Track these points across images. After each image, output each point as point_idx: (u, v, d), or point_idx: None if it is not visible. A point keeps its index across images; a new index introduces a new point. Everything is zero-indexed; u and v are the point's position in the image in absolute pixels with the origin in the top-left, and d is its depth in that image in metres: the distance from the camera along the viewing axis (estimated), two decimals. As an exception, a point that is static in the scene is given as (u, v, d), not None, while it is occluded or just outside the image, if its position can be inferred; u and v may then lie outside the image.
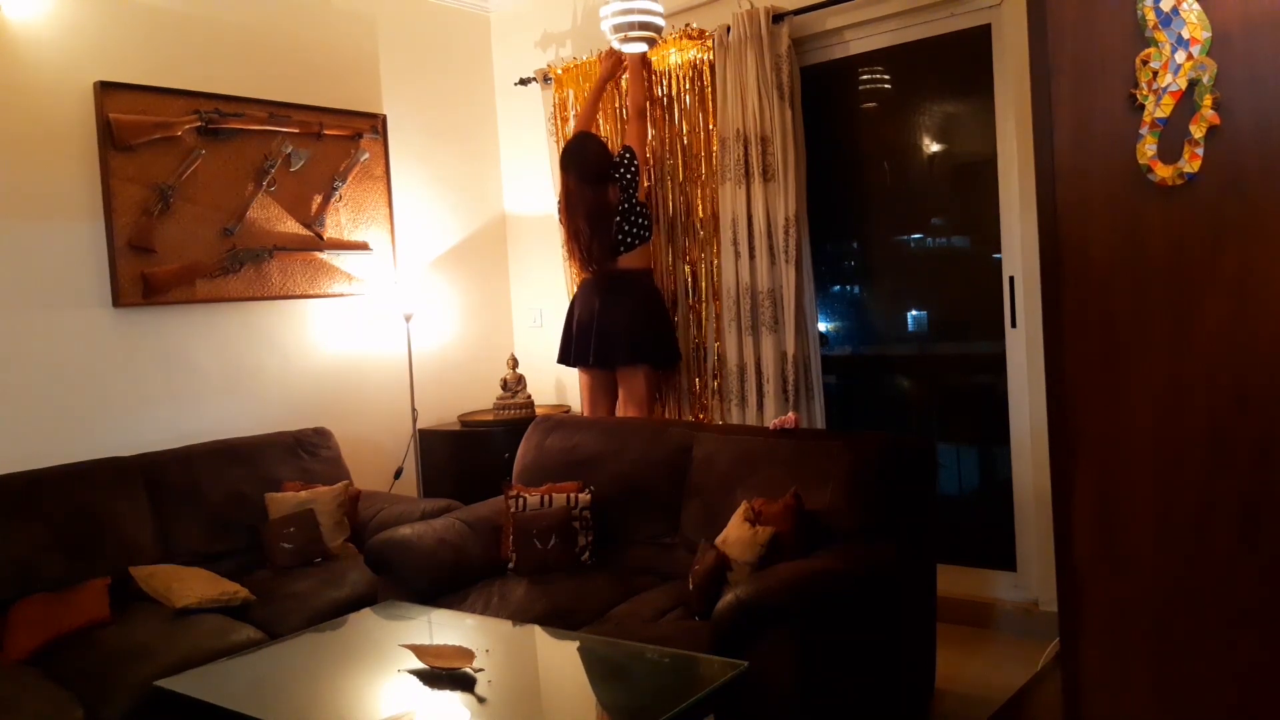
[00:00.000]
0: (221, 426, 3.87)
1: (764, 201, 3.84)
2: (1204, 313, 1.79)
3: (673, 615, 2.87)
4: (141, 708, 2.58)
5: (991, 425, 3.69)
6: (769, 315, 3.87)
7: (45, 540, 3.13)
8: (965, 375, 3.93)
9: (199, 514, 3.52)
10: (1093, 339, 1.92)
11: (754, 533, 2.82)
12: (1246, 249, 1.74)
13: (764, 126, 3.81)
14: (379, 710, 2.34)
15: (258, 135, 3.98)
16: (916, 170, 3.97)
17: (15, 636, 2.86)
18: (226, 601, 3.10)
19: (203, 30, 3.89)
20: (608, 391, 4.22)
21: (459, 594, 3.17)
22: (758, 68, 3.80)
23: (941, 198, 3.90)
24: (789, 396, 3.81)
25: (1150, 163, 1.81)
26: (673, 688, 2.35)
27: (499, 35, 5.06)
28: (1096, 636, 1.98)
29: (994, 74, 3.56)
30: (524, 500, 3.40)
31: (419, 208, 4.69)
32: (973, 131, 3.74)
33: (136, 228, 3.62)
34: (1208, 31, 1.73)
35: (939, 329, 3.97)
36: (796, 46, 3.86)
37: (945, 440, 3.93)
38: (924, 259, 4.02)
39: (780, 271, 3.86)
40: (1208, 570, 1.83)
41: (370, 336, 4.45)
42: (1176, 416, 1.84)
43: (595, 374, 4.20)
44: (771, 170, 3.82)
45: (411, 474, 4.55)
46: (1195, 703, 1.87)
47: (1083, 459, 1.95)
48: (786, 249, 3.80)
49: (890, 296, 4.13)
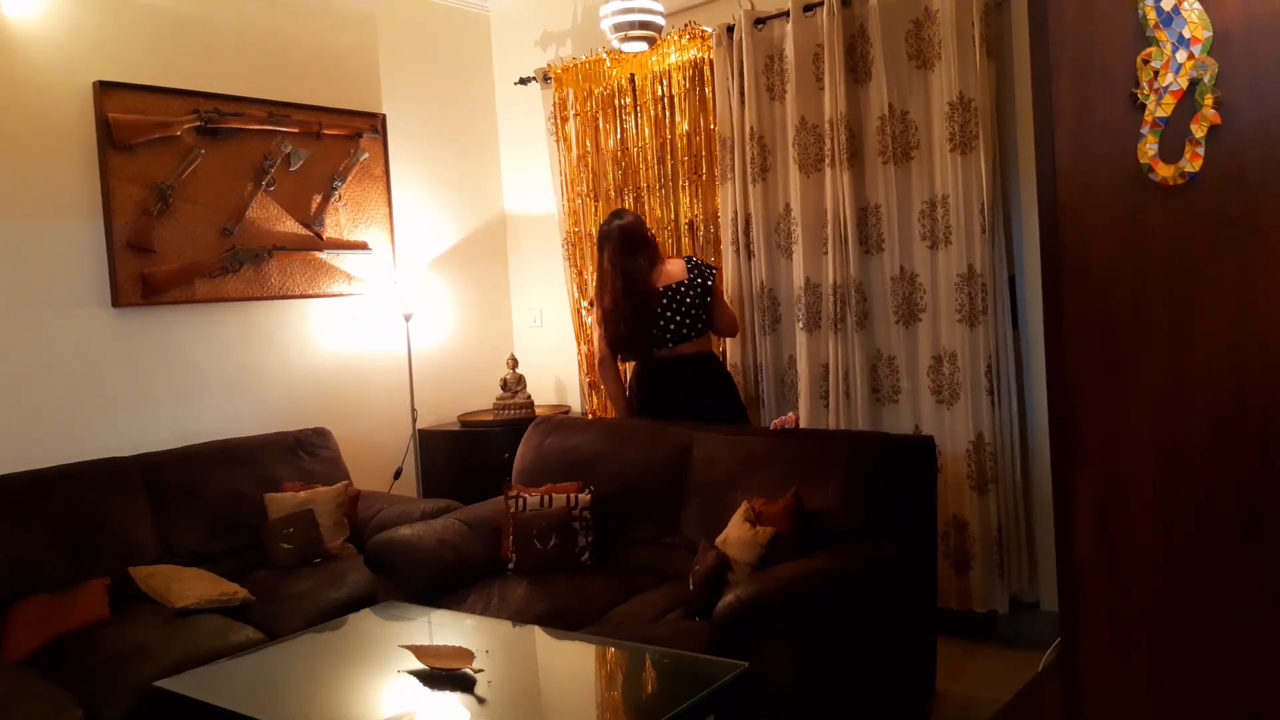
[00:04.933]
0: (221, 426, 3.87)
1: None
2: (1205, 312, 1.79)
3: (673, 616, 2.87)
4: (141, 708, 2.58)
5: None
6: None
7: (45, 540, 3.13)
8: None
9: (199, 514, 3.52)
10: (1093, 339, 1.92)
11: (754, 533, 2.82)
12: (1248, 249, 1.74)
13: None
14: (379, 711, 2.34)
15: (257, 135, 3.98)
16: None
17: (15, 637, 2.86)
18: (226, 602, 3.10)
19: (203, 30, 3.89)
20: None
21: (459, 594, 3.17)
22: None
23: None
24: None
25: (1151, 162, 1.81)
26: (673, 688, 2.35)
27: (499, 35, 5.06)
28: (1096, 636, 1.97)
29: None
30: (524, 500, 3.39)
31: (419, 207, 4.69)
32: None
33: (136, 228, 3.62)
34: (1209, 30, 1.73)
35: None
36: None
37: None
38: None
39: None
40: (1208, 570, 1.83)
41: (370, 336, 4.45)
42: (1177, 416, 1.84)
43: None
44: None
45: (411, 474, 4.54)
46: (1195, 703, 1.87)
47: (1083, 458, 1.95)
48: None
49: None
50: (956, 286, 3.54)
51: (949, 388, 3.60)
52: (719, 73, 4.05)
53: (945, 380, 3.61)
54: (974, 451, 3.53)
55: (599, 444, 3.61)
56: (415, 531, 3.32)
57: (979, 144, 3.45)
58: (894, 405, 3.76)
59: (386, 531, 3.37)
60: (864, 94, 3.73)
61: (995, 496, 3.51)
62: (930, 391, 3.65)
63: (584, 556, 3.33)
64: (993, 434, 3.51)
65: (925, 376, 3.67)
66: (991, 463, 3.51)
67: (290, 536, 3.48)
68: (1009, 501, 3.54)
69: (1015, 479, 3.54)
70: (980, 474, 3.53)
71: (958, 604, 3.57)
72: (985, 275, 3.48)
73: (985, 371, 3.50)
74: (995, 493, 3.51)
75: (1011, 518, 3.54)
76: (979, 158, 3.45)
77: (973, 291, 3.50)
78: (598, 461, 3.54)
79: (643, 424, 3.69)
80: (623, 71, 4.40)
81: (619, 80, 4.43)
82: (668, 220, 4.37)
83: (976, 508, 3.53)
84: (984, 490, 3.53)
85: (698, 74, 4.19)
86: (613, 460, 3.52)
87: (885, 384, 3.78)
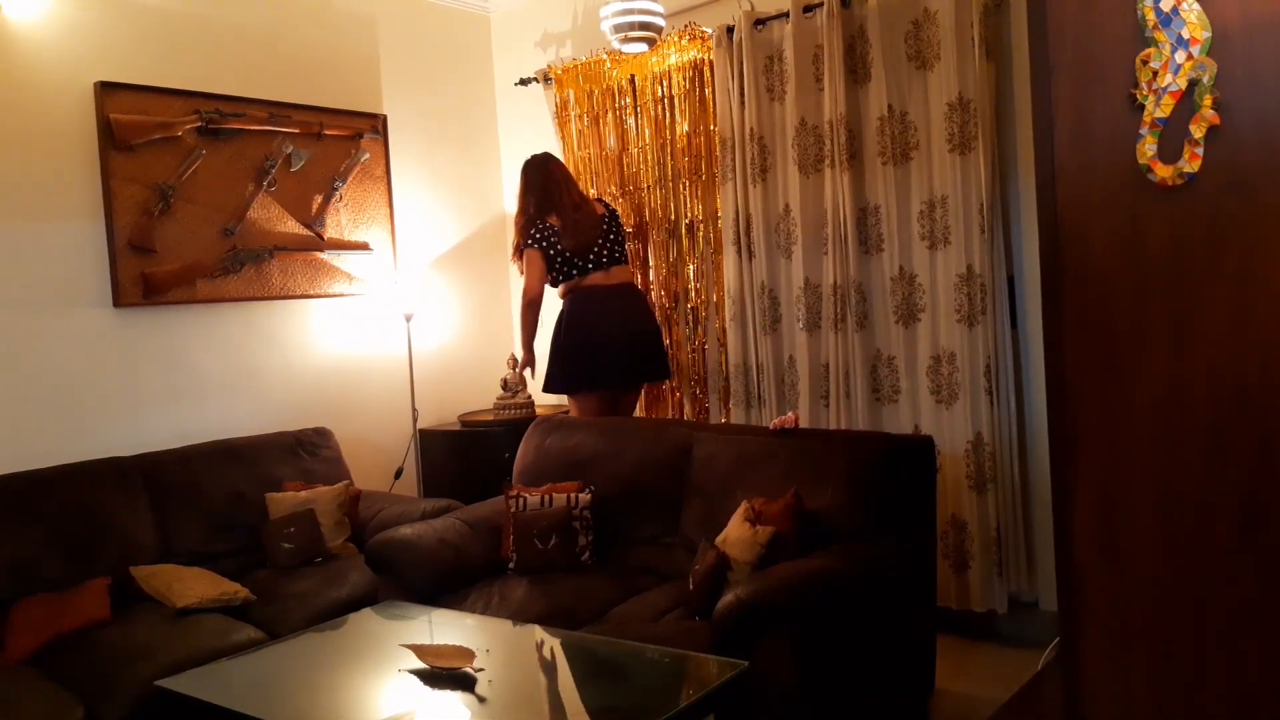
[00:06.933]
0: (222, 426, 3.87)
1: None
2: (1204, 312, 1.79)
3: (673, 615, 2.87)
4: (142, 708, 2.58)
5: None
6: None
7: (46, 540, 3.13)
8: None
9: (199, 514, 3.52)
10: (1092, 339, 1.92)
11: (754, 533, 2.82)
12: (1247, 249, 1.74)
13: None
14: (379, 710, 2.34)
15: (258, 135, 3.98)
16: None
17: (16, 636, 2.87)
18: (227, 601, 3.10)
19: (203, 30, 3.89)
20: (610, 411, 4.10)
21: (459, 594, 3.17)
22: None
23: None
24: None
25: (1150, 163, 1.81)
26: (673, 688, 2.36)
27: (499, 35, 5.06)
28: (1096, 636, 1.98)
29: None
30: (524, 500, 3.40)
31: (419, 207, 4.69)
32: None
33: (137, 228, 3.63)
34: (1208, 31, 1.73)
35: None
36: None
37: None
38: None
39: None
40: (1208, 570, 1.83)
41: (370, 336, 4.45)
42: (1177, 416, 1.84)
43: (604, 394, 4.05)
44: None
45: (412, 474, 4.55)
46: (1195, 702, 1.87)
47: (1083, 458, 1.95)
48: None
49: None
50: (955, 287, 3.55)
51: (948, 388, 3.60)
52: (719, 73, 4.05)
53: (944, 380, 3.61)
54: (973, 451, 3.54)
55: (599, 444, 3.61)
56: (416, 531, 3.33)
57: (978, 144, 3.46)
58: (893, 405, 3.77)
59: (387, 531, 3.37)
60: (863, 95, 3.74)
61: (994, 496, 3.52)
62: (929, 391, 3.65)
63: (584, 556, 3.33)
64: (992, 434, 3.51)
65: (924, 376, 3.67)
66: (990, 462, 3.52)
67: (291, 536, 3.48)
68: (1008, 501, 3.54)
69: (1014, 479, 3.55)
70: (979, 474, 3.53)
71: (957, 603, 3.58)
72: (984, 275, 3.48)
73: (984, 371, 3.50)
74: (994, 492, 3.52)
75: (1010, 517, 3.54)
76: (978, 158, 3.46)
77: (972, 292, 3.51)
78: (598, 461, 3.54)
79: (643, 424, 3.70)
80: (623, 72, 4.41)
81: (619, 81, 4.44)
82: (668, 220, 4.37)
83: (975, 507, 3.54)
84: (983, 490, 3.53)
85: (698, 75, 4.19)
86: (613, 460, 3.52)
87: (885, 384, 3.79)
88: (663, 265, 4.43)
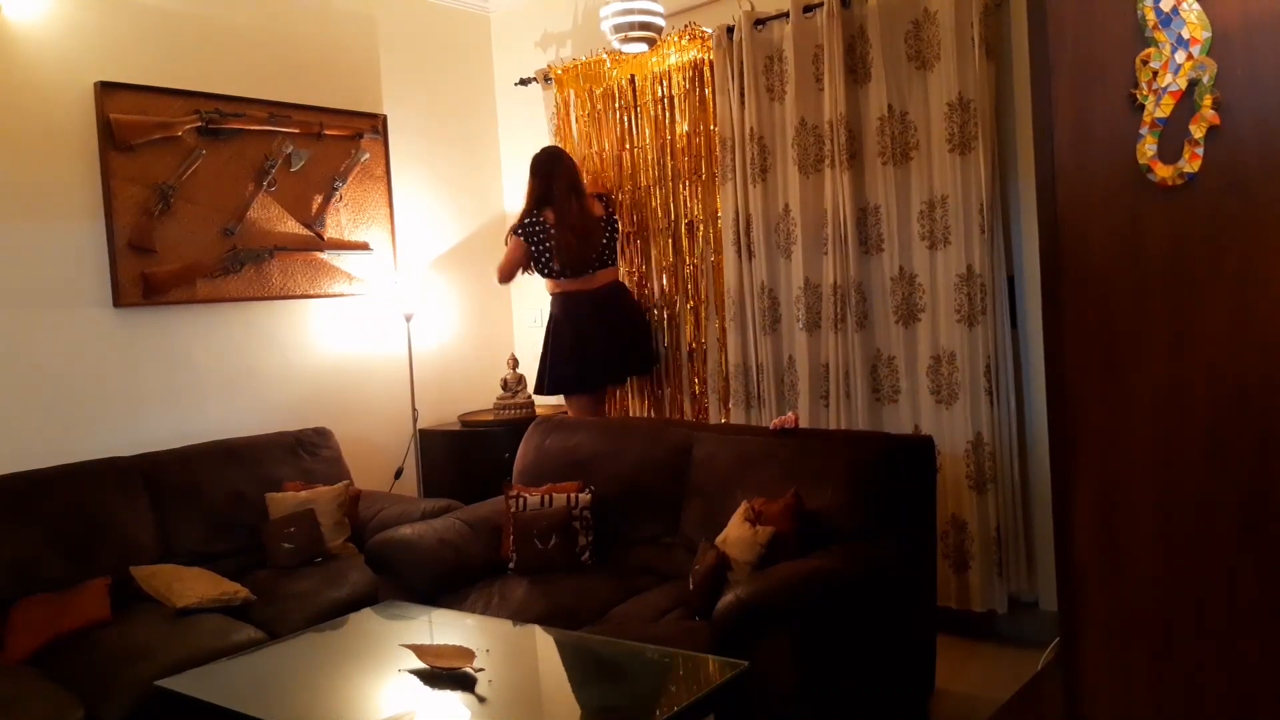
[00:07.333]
0: (221, 426, 3.87)
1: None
2: (1204, 312, 1.79)
3: (673, 615, 2.87)
4: (142, 708, 2.58)
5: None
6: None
7: (46, 540, 3.13)
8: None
9: (199, 514, 3.52)
10: (1092, 339, 1.92)
11: (754, 533, 2.83)
12: (1247, 249, 1.74)
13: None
14: (379, 710, 2.34)
15: (258, 135, 3.98)
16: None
17: (16, 636, 2.87)
18: (227, 601, 3.10)
19: (203, 30, 3.89)
20: (600, 408, 4.34)
21: (459, 594, 3.18)
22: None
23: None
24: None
25: (1150, 163, 1.81)
26: (673, 688, 2.35)
27: (499, 35, 5.06)
28: (1096, 636, 1.98)
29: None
30: (524, 500, 3.40)
31: (419, 208, 4.69)
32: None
33: (137, 228, 3.63)
34: (1208, 31, 1.73)
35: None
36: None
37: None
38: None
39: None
40: (1208, 570, 1.83)
41: (370, 336, 4.45)
42: (1177, 416, 1.84)
43: (596, 393, 4.28)
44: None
45: (412, 474, 4.55)
46: (1195, 703, 1.87)
47: (1083, 458, 1.95)
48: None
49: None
50: (955, 287, 3.55)
51: (948, 388, 3.60)
52: (719, 73, 4.05)
53: (944, 380, 3.61)
54: (973, 451, 3.54)
55: (599, 444, 3.61)
56: (416, 531, 3.33)
57: (978, 144, 3.46)
58: (893, 405, 3.77)
59: (387, 531, 3.38)
60: (863, 95, 3.74)
61: (994, 496, 3.52)
62: (929, 391, 3.65)
63: (584, 556, 3.33)
64: (991, 434, 3.51)
65: (924, 376, 3.67)
66: (990, 462, 3.51)
67: (291, 536, 3.48)
68: (1008, 501, 3.54)
69: (1014, 479, 3.55)
70: (979, 474, 3.53)
71: (957, 603, 3.58)
72: (984, 275, 3.48)
73: (984, 371, 3.50)
74: (994, 492, 3.52)
75: (1010, 517, 3.54)
76: (978, 158, 3.46)
77: (972, 291, 3.51)
78: (598, 461, 3.55)
79: (643, 423, 3.70)
80: (623, 72, 4.41)
81: (619, 81, 4.44)
82: (668, 220, 4.38)
83: (975, 507, 3.54)
84: (983, 490, 3.53)
85: (698, 75, 4.19)
86: (613, 460, 3.52)
87: (885, 384, 3.78)
88: (663, 265, 4.43)
